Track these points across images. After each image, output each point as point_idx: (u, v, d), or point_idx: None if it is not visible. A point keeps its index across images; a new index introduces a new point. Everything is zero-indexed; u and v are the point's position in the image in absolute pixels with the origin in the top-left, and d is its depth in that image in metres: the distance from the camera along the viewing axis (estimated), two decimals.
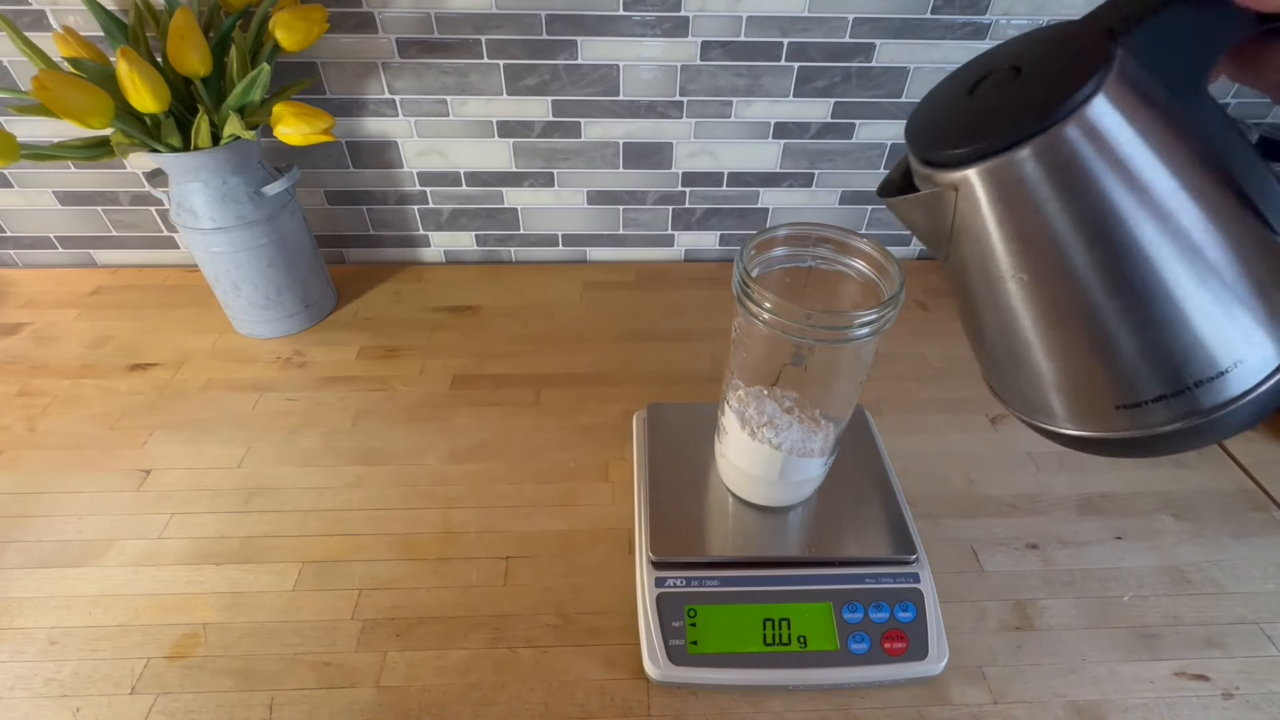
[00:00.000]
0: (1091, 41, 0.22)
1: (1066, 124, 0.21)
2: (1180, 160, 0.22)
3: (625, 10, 0.62)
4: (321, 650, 0.43)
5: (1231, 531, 0.51)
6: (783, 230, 0.39)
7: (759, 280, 0.39)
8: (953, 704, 0.41)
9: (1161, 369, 0.23)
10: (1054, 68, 0.23)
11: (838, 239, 0.39)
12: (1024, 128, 0.22)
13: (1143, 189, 0.21)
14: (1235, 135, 0.23)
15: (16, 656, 0.42)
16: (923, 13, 0.63)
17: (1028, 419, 0.28)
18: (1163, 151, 0.21)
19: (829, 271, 0.40)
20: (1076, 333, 0.24)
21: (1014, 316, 0.25)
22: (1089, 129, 0.21)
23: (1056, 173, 0.22)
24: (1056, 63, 0.23)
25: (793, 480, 0.45)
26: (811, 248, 0.40)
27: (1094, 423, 0.25)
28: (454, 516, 0.51)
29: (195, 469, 0.54)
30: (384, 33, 0.63)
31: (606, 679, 0.42)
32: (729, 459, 0.47)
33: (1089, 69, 0.21)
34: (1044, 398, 0.26)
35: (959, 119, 0.25)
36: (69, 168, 0.70)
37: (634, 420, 0.56)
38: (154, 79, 0.48)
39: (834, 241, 0.40)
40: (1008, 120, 0.22)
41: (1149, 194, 0.21)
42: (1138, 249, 0.22)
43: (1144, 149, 0.21)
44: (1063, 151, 0.21)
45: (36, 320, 0.69)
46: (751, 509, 0.48)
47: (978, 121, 0.24)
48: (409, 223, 0.76)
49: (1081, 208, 0.22)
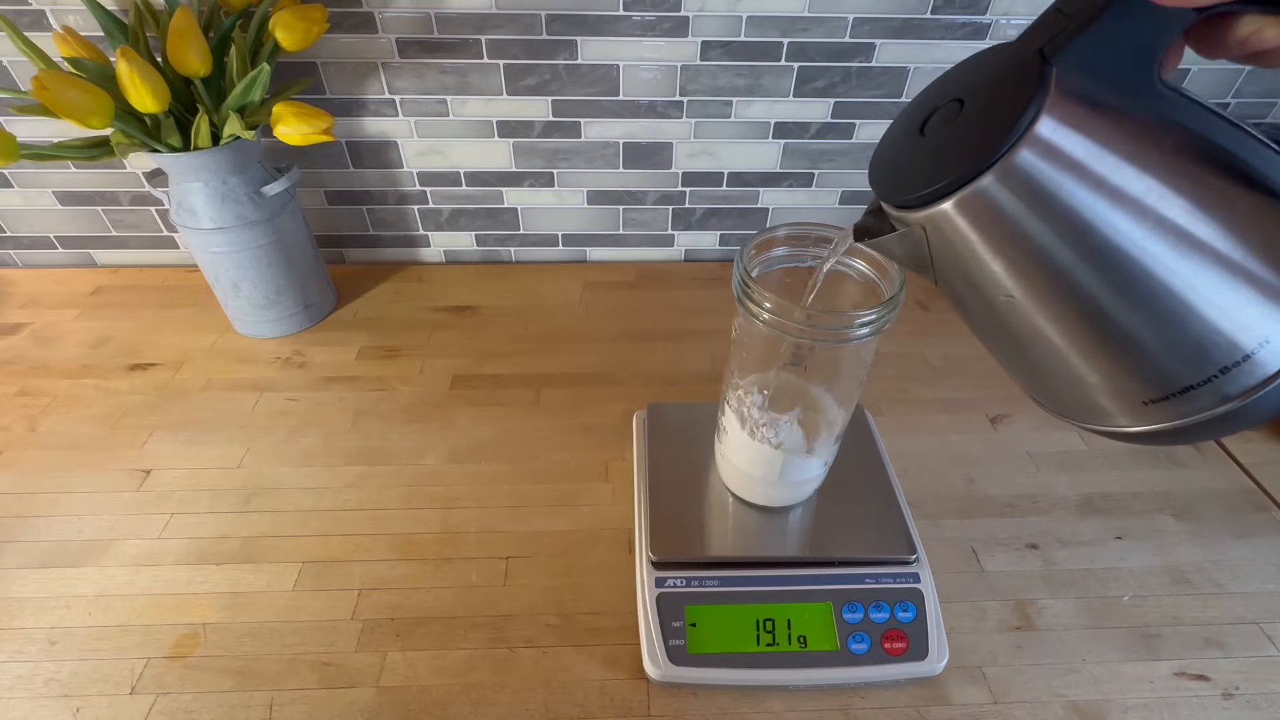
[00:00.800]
0: (1027, 65, 0.22)
1: (1016, 151, 0.21)
2: (1152, 156, 0.21)
3: (625, 10, 0.62)
4: (321, 650, 0.43)
5: (1232, 531, 0.51)
6: (783, 230, 0.39)
7: (759, 280, 0.39)
8: (953, 704, 0.41)
9: (1181, 363, 0.22)
10: (994, 97, 0.23)
11: (838, 239, 0.39)
12: (975, 163, 0.22)
13: (1114, 192, 0.21)
14: (1210, 116, 0.22)
15: (16, 656, 0.42)
16: (923, 13, 0.63)
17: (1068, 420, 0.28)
18: (1129, 153, 0.21)
19: (829, 272, 0.40)
20: (1082, 338, 0.24)
21: (1008, 330, 0.25)
22: (1042, 150, 0.21)
23: (1021, 196, 0.22)
24: (996, 92, 0.23)
25: (793, 480, 0.45)
26: (811, 248, 0.40)
27: (1131, 418, 0.25)
28: (454, 516, 0.51)
29: (195, 469, 0.54)
30: (384, 33, 0.63)
31: (606, 679, 0.42)
32: (729, 459, 0.47)
33: (1026, 96, 0.21)
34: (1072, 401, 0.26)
35: (914, 160, 0.25)
36: (69, 168, 0.70)
37: (634, 420, 0.56)
38: (154, 79, 0.48)
39: (834, 242, 0.39)
40: (959, 157, 0.23)
41: (1123, 196, 0.21)
42: (1123, 251, 0.21)
43: (1106, 155, 0.21)
44: (1021, 176, 0.21)
45: (36, 320, 0.69)
46: (751, 509, 0.48)
47: (931, 161, 0.24)
48: (409, 223, 0.76)
49: (1056, 224, 0.22)
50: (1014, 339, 0.26)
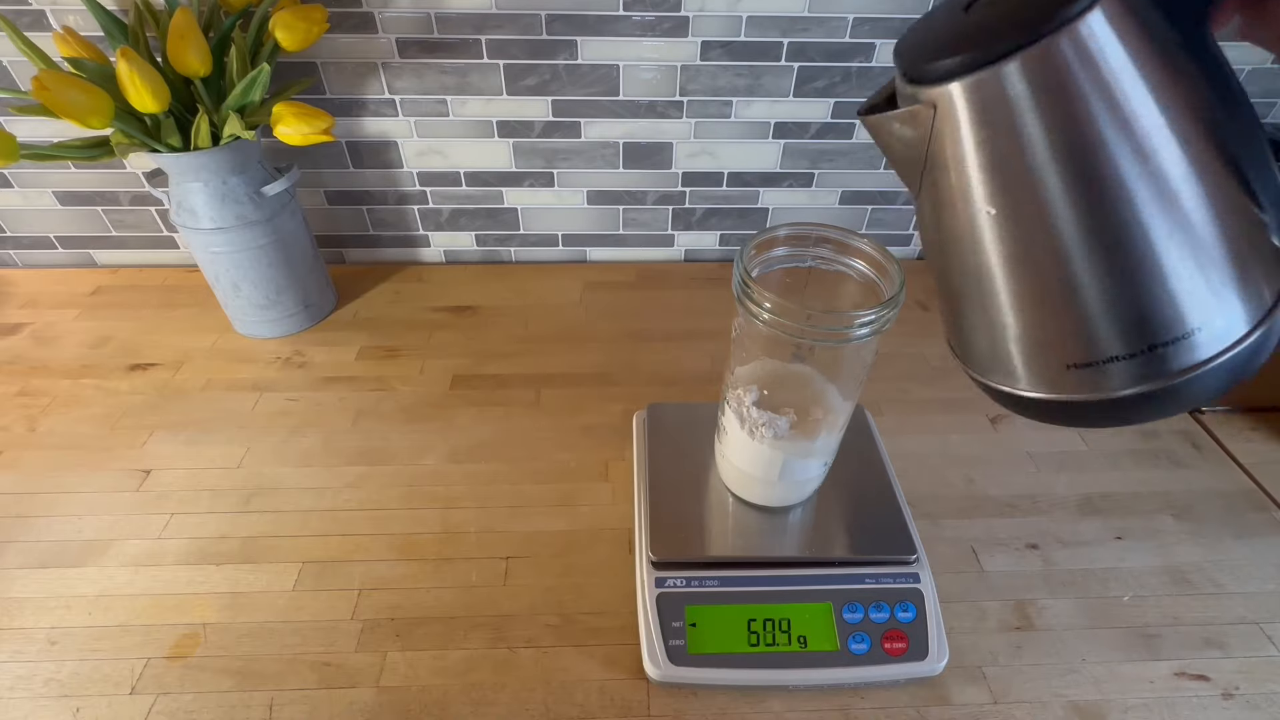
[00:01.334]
0: None
1: (1059, 36, 0.20)
2: (1171, 99, 0.21)
3: (625, 10, 0.62)
4: (321, 650, 0.43)
5: (1232, 532, 0.51)
6: (783, 230, 0.39)
7: (759, 280, 0.39)
8: (953, 704, 0.41)
9: (1121, 325, 0.22)
10: None
11: (838, 239, 0.39)
12: (1014, 39, 0.21)
13: (1126, 120, 0.20)
14: (1235, 96, 0.22)
15: (16, 656, 0.42)
16: (922, 12, 0.63)
17: (982, 379, 0.27)
18: (1153, 84, 0.20)
19: (829, 272, 0.40)
20: (1040, 277, 0.23)
21: (978, 257, 0.24)
22: (1080, 46, 0.20)
23: (1041, 91, 0.21)
24: None
25: (792, 480, 0.45)
26: (811, 248, 0.40)
27: (1046, 384, 0.24)
28: (454, 516, 0.51)
29: (195, 469, 0.54)
30: (384, 33, 0.63)
31: (606, 679, 0.42)
32: (729, 459, 0.47)
33: None
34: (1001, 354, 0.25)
35: (949, 35, 0.23)
36: (69, 168, 0.70)
37: (634, 420, 0.56)
38: (154, 79, 0.48)
39: (834, 242, 0.39)
40: (998, 33, 0.21)
41: (1133, 127, 0.20)
42: (1113, 185, 0.21)
43: (1135, 77, 0.20)
44: (1051, 67, 0.20)
45: (36, 320, 0.69)
46: (751, 509, 0.48)
47: (967, 36, 0.22)
48: (409, 223, 0.76)
49: (1061, 133, 0.21)
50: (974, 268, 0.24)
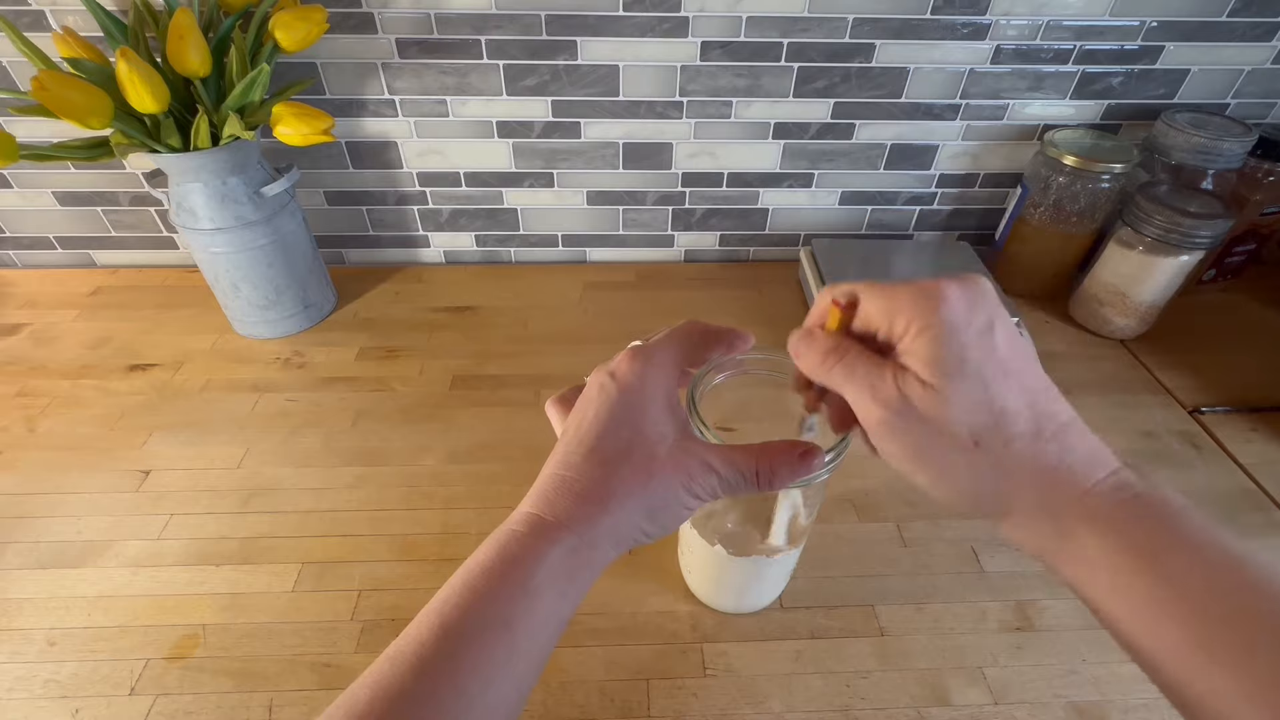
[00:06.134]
0: None
1: None
2: None
3: (625, 10, 0.62)
4: (321, 651, 0.43)
5: (1232, 532, 0.51)
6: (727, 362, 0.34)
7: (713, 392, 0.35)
8: (953, 705, 0.41)
9: None
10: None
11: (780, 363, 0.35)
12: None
13: None
14: None
15: (16, 657, 0.42)
16: (923, 13, 0.63)
17: None
18: None
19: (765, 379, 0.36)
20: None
21: None
22: None
23: None
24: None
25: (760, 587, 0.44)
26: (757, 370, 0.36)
27: None
28: (454, 517, 0.51)
29: (195, 469, 0.54)
30: (384, 33, 0.63)
31: (606, 679, 0.42)
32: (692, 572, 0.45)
33: None
34: None
35: None
36: (69, 168, 0.70)
37: None
38: (154, 79, 0.48)
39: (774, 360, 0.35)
40: None
41: None
42: None
43: None
44: None
45: (36, 321, 0.69)
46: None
47: None
48: (409, 223, 0.76)
49: None
50: None
